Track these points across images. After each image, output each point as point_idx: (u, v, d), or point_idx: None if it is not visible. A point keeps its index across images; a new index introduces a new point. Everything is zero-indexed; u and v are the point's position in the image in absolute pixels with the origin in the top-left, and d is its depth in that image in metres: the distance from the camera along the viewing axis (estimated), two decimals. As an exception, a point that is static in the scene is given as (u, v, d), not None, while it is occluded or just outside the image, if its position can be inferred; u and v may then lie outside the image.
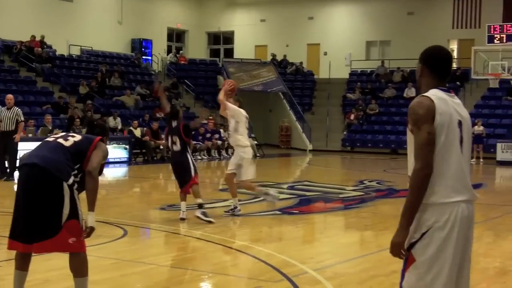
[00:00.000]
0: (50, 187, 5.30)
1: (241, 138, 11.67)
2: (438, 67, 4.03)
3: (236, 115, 11.61)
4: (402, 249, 3.88)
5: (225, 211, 11.79)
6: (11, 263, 6.12)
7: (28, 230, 5.32)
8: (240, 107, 11.78)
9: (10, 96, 17.44)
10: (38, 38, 30.64)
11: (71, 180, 5.39)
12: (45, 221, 5.30)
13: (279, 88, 35.27)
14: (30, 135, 21.42)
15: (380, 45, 39.20)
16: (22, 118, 17.13)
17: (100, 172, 5.67)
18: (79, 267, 5.49)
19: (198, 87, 34.87)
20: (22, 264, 5.53)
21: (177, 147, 11.08)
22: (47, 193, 5.30)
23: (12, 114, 16.79)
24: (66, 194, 5.32)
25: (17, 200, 5.44)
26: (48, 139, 5.76)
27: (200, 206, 10.89)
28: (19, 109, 17.19)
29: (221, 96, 11.67)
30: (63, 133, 5.85)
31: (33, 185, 5.33)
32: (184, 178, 11.04)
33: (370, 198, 14.81)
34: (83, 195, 5.54)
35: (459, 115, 3.93)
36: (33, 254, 5.57)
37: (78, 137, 5.67)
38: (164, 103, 12.27)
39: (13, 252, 5.57)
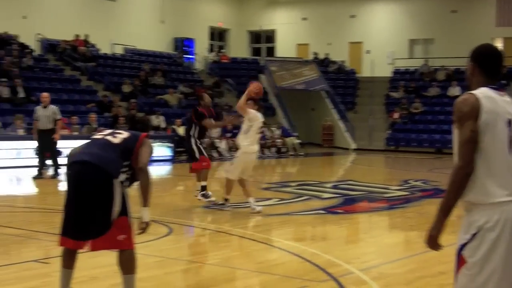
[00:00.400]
0: (101, 184, 5.32)
1: (245, 141, 11.67)
2: (488, 65, 3.96)
3: (253, 120, 11.62)
4: (437, 242, 3.88)
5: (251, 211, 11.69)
6: (60, 260, 6.17)
7: (79, 228, 5.36)
8: (258, 111, 11.81)
9: (45, 94, 17.19)
10: (82, 37, 30.99)
11: (121, 177, 5.42)
12: (96, 218, 5.34)
13: (322, 87, 35.12)
14: (75, 133, 21.68)
15: (424, 43, 38.78)
16: (60, 116, 16.93)
17: None
18: (127, 264, 5.52)
19: (240, 86, 34.80)
20: (69, 262, 5.57)
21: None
22: (98, 190, 5.32)
23: (48, 113, 16.64)
24: (117, 191, 5.36)
25: (68, 197, 5.45)
26: (95, 136, 5.78)
27: (203, 188, 11.90)
28: (55, 107, 16.94)
29: (242, 102, 11.54)
30: (110, 130, 5.85)
31: (85, 183, 5.34)
32: (191, 159, 12.25)
33: (415, 198, 14.62)
34: (133, 191, 5.55)
35: (509, 113, 3.86)
36: (80, 251, 5.60)
37: (125, 134, 5.69)
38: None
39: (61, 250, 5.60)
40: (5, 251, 8.46)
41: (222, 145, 25.88)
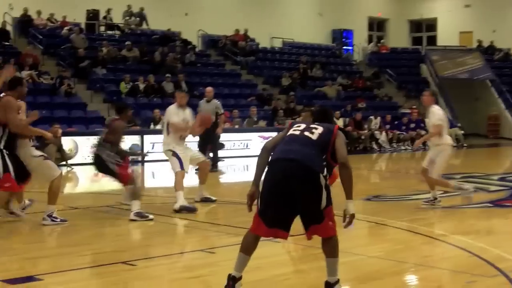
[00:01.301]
0: (309, 181, 5.53)
1: (446, 139, 11.24)
2: None
3: (443, 118, 11.14)
4: None
5: (423, 201, 11.47)
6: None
7: (281, 221, 5.65)
8: (436, 100, 11.29)
9: (209, 88, 17.46)
10: (241, 32, 31.57)
11: (324, 171, 5.61)
12: (309, 213, 5.64)
13: (486, 76, 33.87)
14: (236, 126, 22.13)
15: None
16: (222, 111, 17.18)
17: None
18: (333, 249, 5.87)
19: (400, 76, 34.29)
20: (251, 249, 5.79)
21: None
22: (307, 187, 5.53)
23: (211, 106, 16.85)
24: (323, 185, 5.56)
25: (272, 192, 5.60)
26: (293, 132, 5.90)
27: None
28: (218, 102, 17.19)
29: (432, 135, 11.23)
30: (305, 125, 5.95)
31: (293, 180, 5.52)
32: None
33: None
34: None
35: None
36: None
37: (320, 129, 5.83)
38: None
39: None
40: (172, 241, 8.75)
41: (382, 137, 25.54)
